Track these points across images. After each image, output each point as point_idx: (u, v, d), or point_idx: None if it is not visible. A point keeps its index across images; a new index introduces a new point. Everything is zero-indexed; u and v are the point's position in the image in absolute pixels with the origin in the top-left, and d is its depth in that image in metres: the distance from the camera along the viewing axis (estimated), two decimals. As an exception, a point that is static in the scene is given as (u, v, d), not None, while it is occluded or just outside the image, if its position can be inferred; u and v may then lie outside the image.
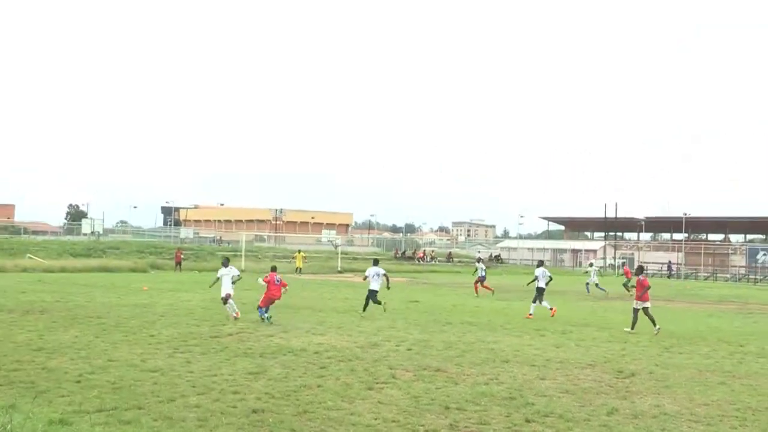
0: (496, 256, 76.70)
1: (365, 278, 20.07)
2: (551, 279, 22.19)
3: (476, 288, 29.92)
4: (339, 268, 49.81)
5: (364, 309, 19.55)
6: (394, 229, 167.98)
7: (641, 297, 17.69)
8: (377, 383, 10.12)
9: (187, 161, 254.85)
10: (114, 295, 23.57)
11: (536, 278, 21.68)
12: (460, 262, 71.01)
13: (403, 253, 73.51)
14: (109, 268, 40.02)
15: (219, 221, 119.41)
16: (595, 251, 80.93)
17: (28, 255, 43.13)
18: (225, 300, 17.20)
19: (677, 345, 15.37)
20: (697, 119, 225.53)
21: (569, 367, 12.05)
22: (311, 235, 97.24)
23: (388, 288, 20.00)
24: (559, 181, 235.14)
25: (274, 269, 18.06)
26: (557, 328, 17.72)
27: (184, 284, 30.10)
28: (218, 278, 17.65)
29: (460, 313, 20.98)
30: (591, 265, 38.22)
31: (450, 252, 79.96)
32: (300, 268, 44.56)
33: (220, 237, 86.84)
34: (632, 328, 17.38)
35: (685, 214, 75.05)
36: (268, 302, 16.96)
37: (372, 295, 19.53)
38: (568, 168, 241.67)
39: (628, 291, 32.36)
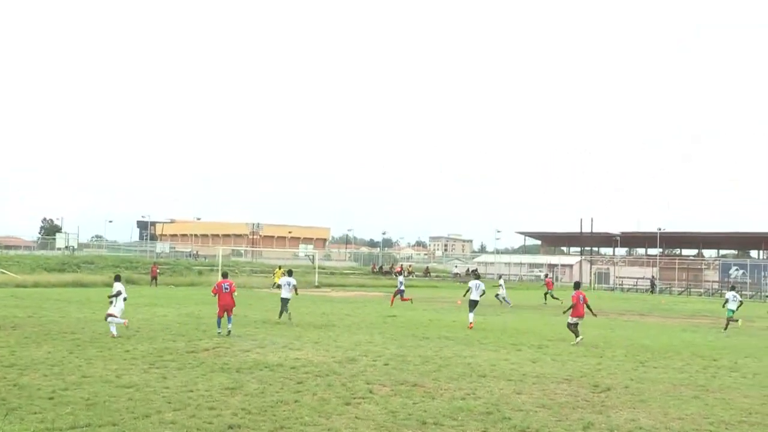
0: (473, 271, 76.90)
1: (279, 286, 21.70)
2: (484, 293, 22.42)
3: (392, 300, 31.33)
4: (316, 283, 49.65)
5: (280, 316, 21.19)
6: (372, 244, 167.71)
7: (574, 313, 18.13)
8: (354, 398, 10.10)
9: (167, 168, 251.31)
10: (88, 310, 23.27)
11: (469, 289, 21.91)
12: (437, 276, 71.25)
13: (380, 267, 73.51)
14: (84, 283, 39.55)
15: (195, 235, 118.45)
16: (571, 266, 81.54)
17: (1, 270, 42.48)
18: (110, 316, 16.61)
19: (652, 359, 15.53)
20: (697, 119, 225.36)
21: (545, 381, 12.11)
22: (288, 249, 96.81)
23: (296, 294, 22.00)
24: (558, 182, 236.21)
25: (224, 276, 18.22)
26: (533, 343, 17.81)
27: (159, 299, 29.82)
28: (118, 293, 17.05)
29: (437, 328, 21.00)
30: (500, 277, 41.36)
31: (427, 267, 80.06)
32: (278, 284, 44.55)
33: (197, 251, 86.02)
34: (576, 338, 17.85)
35: (660, 229, 76.01)
36: (222, 311, 17.32)
37: (284, 302, 21.19)
38: (568, 168, 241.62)
39: (545, 301, 36.07)
